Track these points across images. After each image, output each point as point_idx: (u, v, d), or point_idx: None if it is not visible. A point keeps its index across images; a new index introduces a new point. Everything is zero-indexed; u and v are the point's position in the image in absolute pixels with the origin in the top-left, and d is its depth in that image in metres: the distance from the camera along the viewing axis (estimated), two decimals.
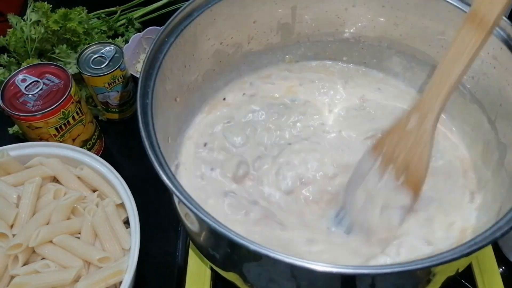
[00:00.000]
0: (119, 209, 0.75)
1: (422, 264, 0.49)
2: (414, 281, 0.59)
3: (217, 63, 0.80)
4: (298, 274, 0.55)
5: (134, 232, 0.70)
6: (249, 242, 0.50)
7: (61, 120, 0.80)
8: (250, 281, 0.62)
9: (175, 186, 0.54)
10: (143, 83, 0.63)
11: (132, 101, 0.96)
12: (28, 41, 0.94)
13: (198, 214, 0.52)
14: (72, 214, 0.75)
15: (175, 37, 0.68)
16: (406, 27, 0.79)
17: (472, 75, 0.75)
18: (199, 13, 0.70)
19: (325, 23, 0.83)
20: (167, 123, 0.69)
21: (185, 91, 0.75)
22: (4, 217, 0.71)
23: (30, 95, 0.79)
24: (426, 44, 0.79)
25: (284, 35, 0.84)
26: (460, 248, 0.51)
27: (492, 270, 0.73)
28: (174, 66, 0.69)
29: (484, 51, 0.70)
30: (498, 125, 0.72)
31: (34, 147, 0.79)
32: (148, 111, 0.61)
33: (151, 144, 0.58)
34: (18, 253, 0.68)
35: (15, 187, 0.75)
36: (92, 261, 0.70)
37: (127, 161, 0.93)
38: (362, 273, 0.50)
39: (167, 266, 0.79)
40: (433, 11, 0.74)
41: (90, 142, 0.89)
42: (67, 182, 0.77)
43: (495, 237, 0.52)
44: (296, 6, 0.80)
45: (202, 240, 0.64)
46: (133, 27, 1.07)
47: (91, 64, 0.88)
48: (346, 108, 0.83)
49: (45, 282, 0.66)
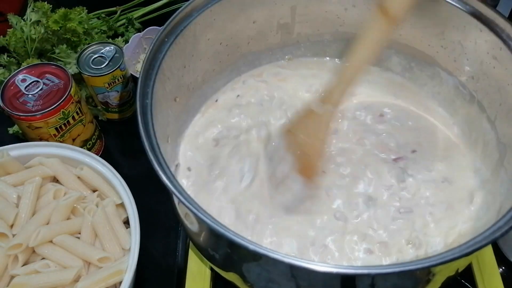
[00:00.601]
0: (119, 209, 0.75)
1: (422, 264, 0.49)
2: (414, 281, 0.59)
3: (216, 63, 0.80)
4: (298, 274, 0.55)
5: (134, 232, 0.70)
6: (249, 242, 0.50)
7: (61, 120, 0.80)
8: (249, 281, 0.62)
9: (174, 186, 0.54)
10: (143, 83, 0.63)
11: (132, 101, 0.96)
12: (28, 41, 0.94)
13: (198, 214, 0.52)
14: (72, 214, 0.75)
15: (175, 37, 0.68)
16: (406, 27, 0.79)
17: (472, 75, 0.75)
18: (199, 13, 0.70)
19: (325, 23, 0.83)
20: (167, 123, 0.69)
21: (185, 91, 0.75)
22: (4, 217, 0.71)
23: (30, 95, 0.79)
24: (425, 44, 0.79)
25: (284, 35, 0.84)
26: (460, 248, 0.51)
27: (492, 270, 0.73)
28: (173, 66, 0.69)
29: (484, 51, 0.71)
30: (497, 125, 0.72)
31: (34, 147, 0.79)
32: (147, 111, 0.61)
33: (151, 144, 0.58)
34: (18, 253, 0.68)
35: (15, 187, 0.75)
36: (92, 261, 0.70)
37: (127, 161, 0.93)
38: (362, 273, 0.50)
39: (167, 266, 0.79)
40: (432, 11, 0.74)
41: (90, 142, 0.89)
42: (67, 182, 0.77)
43: (495, 237, 0.52)
44: (296, 6, 0.80)
45: (202, 240, 0.64)
46: (133, 27, 1.07)
47: (91, 64, 0.88)
48: (345, 108, 0.83)
49: (45, 282, 0.66)
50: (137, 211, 0.72)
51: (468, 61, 0.75)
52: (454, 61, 0.77)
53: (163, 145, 0.60)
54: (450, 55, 0.77)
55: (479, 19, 0.69)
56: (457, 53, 0.76)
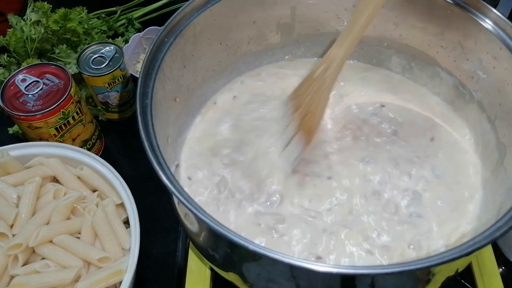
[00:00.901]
0: (119, 209, 0.75)
1: (421, 264, 0.49)
2: (414, 281, 0.59)
3: (216, 64, 0.80)
4: (298, 274, 0.55)
5: (134, 232, 0.70)
6: (249, 243, 0.50)
7: (61, 120, 0.80)
8: (249, 281, 0.62)
9: (174, 187, 0.54)
10: (143, 83, 0.63)
11: (132, 101, 0.96)
12: (28, 41, 0.94)
13: (198, 214, 0.52)
14: (72, 214, 0.75)
15: (175, 37, 0.68)
16: (406, 27, 0.79)
17: (471, 75, 0.75)
18: (199, 13, 0.70)
19: (325, 23, 0.83)
20: (167, 123, 0.69)
21: (184, 91, 0.75)
22: (4, 217, 0.71)
23: (30, 95, 0.79)
24: (425, 44, 0.79)
25: (284, 35, 0.84)
26: (460, 248, 0.51)
27: (492, 270, 0.73)
28: (173, 66, 0.69)
29: (483, 51, 0.71)
30: (497, 124, 0.72)
31: (34, 147, 0.79)
32: (147, 111, 0.61)
33: (151, 144, 0.58)
34: (18, 253, 0.68)
35: (15, 187, 0.75)
36: (92, 261, 0.70)
37: (127, 161, 0.93)
38: (362, 273, 0.50)
39: (167, 266, 0.79)
40: (432, 12, 0.74)
41: (90, 142, 0.89)
42: (67, 182, 0.77)
43: (495, 237, 0.52)
44: (296, 6, 0.80)
45: (201, 241, 0.64)
46: (133, 27, 1.07)
47: (91, 64, 0.88)
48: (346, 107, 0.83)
49: (45, 282, 0.66)
50: (137, 211, 0.72)
51: (468, 61, 0.75)
52: (454, 61, 0.77)
53: (163, 145, 0.60)
54: (450, 55, 0.77)
55: (479, 19, 0.69)
56: (457, 53, 0.76)
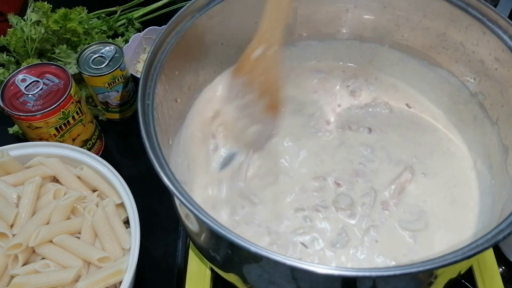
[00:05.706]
0: (119, 209, 0.75)
1: (424, 267, 0.49)
2: (416, 284, 0.58)
3: (218, 64, 0.80)
4: (299, 276, 0.55)
5: (134, 232, 0.70)
6: (250, 244, 0.50)
7: (61, 120, 0.80)
8: (250, 282, 0.62)
9: (175, 187, 0.54)
10: (144, 84, 0.62)
11: (132, 101, 0.96)
12: (28, 41, 0.94)
13: (199, 215, 0.52)
14: (72, 214, 0.75)
15: (176, 38, 0.68)
16: (408, 28, 0.79)
17: (474, 76, 0.75)
18: (200, 13, 0.70)
19: (326, 24, 0.83)
20: (168, 124, 0.69)
21: (185, 92, 0.75)
22: (4, 217, 0.71)
23: (30, 95, 0.79)
24: (427, 45, 0.79)
25: (285, 35, 0.84)
26: (462, 251, 0.51)
27: (492, 270, 0.73)
28: (174, 67, 0.69)
29: (486, 53, 0.70)
30: (500, 126, 0.71)
31: (34, 147, 0.79)
32: (148, 112, 0.60)
33: (152, 145, 0.57)
34: (18, 253, 0.68)
35: (15, 187, 0.75)
36: (92, 261, 0.69)
37: (127, 161, 0.93)
38: (363, 275, 0.50)
39: (167, 266, 0.79)
40: (434, 12, 0.74)
41: (90, 142, 0.89)
42: (67, 182, 0.77)
43: (497, 240, 0.52)
44: (297, 7, 0.80)
45: (202, 241, 0.63)
46: (133, 27, 1.07)
47: (91, 64, 0.88)
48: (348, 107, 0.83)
49: (45, 282, 0.66)
50: (137, 211, 0.72)
51: (470, 63, 0.74)
52: (456, 62, 0.77)
53: (164, 146, 0.59)
54: (452, 56, 0.77)
55: (481, 21, 0.69)
56: (459, 54, 0.75)
